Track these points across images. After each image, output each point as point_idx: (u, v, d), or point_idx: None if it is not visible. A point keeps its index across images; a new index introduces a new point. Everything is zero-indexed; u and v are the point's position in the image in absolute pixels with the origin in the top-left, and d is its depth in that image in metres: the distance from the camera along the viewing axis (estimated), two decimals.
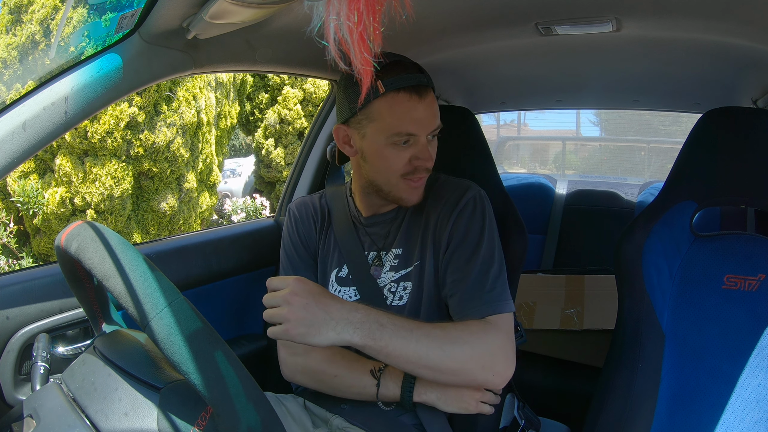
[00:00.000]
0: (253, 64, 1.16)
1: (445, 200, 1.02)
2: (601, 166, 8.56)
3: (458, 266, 0.96)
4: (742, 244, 0.98)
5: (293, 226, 1.12)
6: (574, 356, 1.69)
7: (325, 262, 1.10)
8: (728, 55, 1.30)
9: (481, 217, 0.99)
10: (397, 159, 0.95)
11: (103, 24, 1.52)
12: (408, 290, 1.02)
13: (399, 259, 1.04)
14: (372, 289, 1.03)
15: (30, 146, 0.78)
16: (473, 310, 0.92)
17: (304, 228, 1.11)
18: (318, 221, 1.12)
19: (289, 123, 6.36)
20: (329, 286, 1.08)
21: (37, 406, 0.65)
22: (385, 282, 1.03)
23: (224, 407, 0.50)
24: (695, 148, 1.07)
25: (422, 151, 0.95)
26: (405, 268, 1.03)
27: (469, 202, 1.00)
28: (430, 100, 0.95)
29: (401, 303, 1.02)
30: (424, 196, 1.05)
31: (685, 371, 0.97)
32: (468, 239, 0.97)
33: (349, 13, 0.49)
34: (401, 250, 1.04)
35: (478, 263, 0.95)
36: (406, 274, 1.02)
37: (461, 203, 1.00)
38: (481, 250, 0.96)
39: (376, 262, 1.05)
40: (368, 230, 1.08)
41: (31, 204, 4.23)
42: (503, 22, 1.19)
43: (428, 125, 0.95)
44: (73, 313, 0.98)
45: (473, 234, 0.97)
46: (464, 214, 0.99)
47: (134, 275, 0.54)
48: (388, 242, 1.06)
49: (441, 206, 1.02)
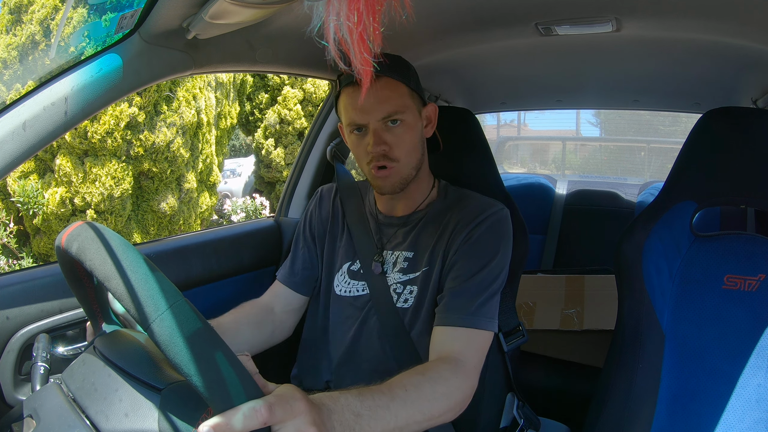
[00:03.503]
0: (253, 64, 1.16)
1: (467, 211, 1.03)
2: (601, 166, 8.56)
3: (460, 274, 0.96)
4: (742, 244, 0.98)
5: (316, 208, 1.20)
6: (574, 356, 1.69)
7: (337, 252, 1.12)
8: (728, 55, 1.30)
9: (499, 236, 1.00)
10: (358, 148, 1.02)
11: (103, 24, 1.52)
12: (414, 294, 1.02)
13: (408, 263, 1.04)
14: (380, 287, 1.04)
15: (30, 146, 0.78)
16: (458, 318, 0.92)
17: (320, 214, 1.18)
18: (333, 210, 1.17)
19: (289, 123, 6.36)
20: (340, 276, 1.10)
21: (37, 406, 0.65)
22: (392, 282, 1.04)
23: (225, 408, 0.50)
24: (695, 148, 1.07)
25: (371, 137, 0.99)
26: (413, 272, 1.03)
27: (490, 217, 1.01)
28: (380, 86, 0.96)
29: (406, 306, 1.02)
30: (449, 208, 1.06)
31: (685, 371, 0.97)
32: (480, 252, 0.97)
33: (349, 13, 0.49)
34: (412, 254, 1.05)
35: (481, 277, 0.95)
36: (413, 278, 1.03)
37: (482, 216, 1.01)
38: (488, 267, 0.96)
39: (377, 258, 1.06)
40: (382, 228, 1.10)
41: (31, 204, 4.23)
42: (503, 22, 1.20)
43: (369, 113, 0.97)
44: (73, 313, 0.98)
45: (487, 250, 0.98)
46: (482, 227, 1.00)
47: (135, 277, 0.54)
48: (397, 243, 1.07)
49: (461, 216, 1.02)
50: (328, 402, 0.65)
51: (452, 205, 1.06)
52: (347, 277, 1.09)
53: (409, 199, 1.08)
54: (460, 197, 1.08)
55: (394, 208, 1.10)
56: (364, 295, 1.06)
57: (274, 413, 0.53)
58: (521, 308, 1.78)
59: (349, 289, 1.08)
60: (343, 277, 1.10)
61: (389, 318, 1.02)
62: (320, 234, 1.16)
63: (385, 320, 1.03)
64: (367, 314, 1.05)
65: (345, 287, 1.09)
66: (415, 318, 1.02)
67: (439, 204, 1.08)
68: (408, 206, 1.09)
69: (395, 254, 1.06)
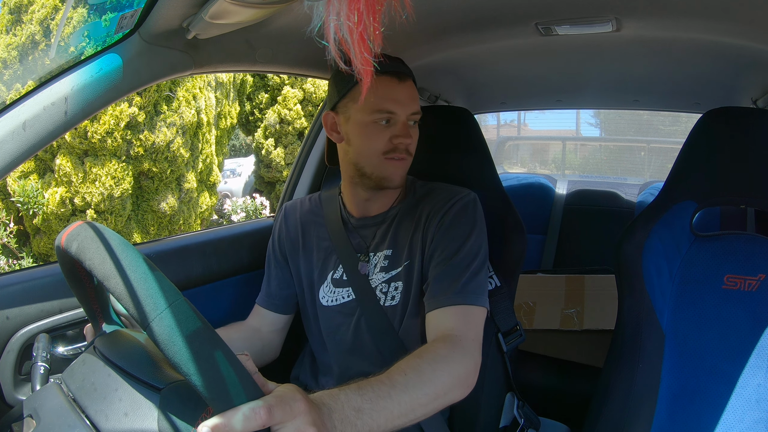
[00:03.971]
0: (253, 64, 1.16)
1: (438, 200, 1.05)
2: (601, 166, 8.56)
3: (441, 259, 0.98)
4: (742, 244, 0.98)
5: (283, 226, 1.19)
6: (574, 356, 1.69)
7: (316, 264, 1.12)
8: (728, 55, 1.30)
9: (471, 218, 1.02)
10: (378, 137, 1.01)
11: (103, 24, 1.52)
12: (399, 290, 1.03)
13: (389, 260, 1.05)
14: (365, 290, 1.04)
15: (30, 146, 0.78)
16: (446, 299, 0.93)
17: (287, 232, 1.17)
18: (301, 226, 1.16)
19: (289, 123, 6.36)
20: (325, 287, 1.09)
21: (37, 406, 0.65)
22: (376, 283, 1.05)
23: (224, 408, 0.50)
24: (695, 148, 1.07)
25: (402, 130, 1.01)
26: (395, 268, 1.04)
27: (459, 201, 1.03)
28: (409, 85, 1.02)
29: (394, 303, 1.03)
30: (420, 201, 1.07)
31: (685, 371, 0.97)
32: (454, 234, 0.99)
33: (349, 13, 0.49)
34: (391, 251, 1.06)
35: (460, 257, 0.97)
36: (396, 274, 1.04)
37: (452, 201, 1.03)
38: (465, 247, 0.98)
39: (363, 259, 1.07)
40: (358, 231, 1.10)
41: (31, 204, 4.23)
42: (503, 22, 1.19)
43: (407, 106, 1.01)
44: (73, 313, 0.98)
45: (461, 231, 1.00)
46: (453, 211, 1.02)
47: (135, 276, 0.54)
48: (376, 243, 1.07)
49: (432, 205, 1.04)
50: (328, 400, 0.64)
51: (422, 198, 1.08)
52: (332, 287, 1.09)
53: (386, 197, 1.09)
54: (430, 190, 1.10)
55: (368, 209, 1.10)
56: (350, 300, 1.06)
57: (274, 415, 0.53)
58: (521, 308, 1.78)
59: (334, 297, 1.08)
60: (328, 287, 1.09)
61: (377, 318, 1.03)
62: (291, 251, 1.16)
63: (372, 321, 1.03)
64: (358, 319, 1.05)
65: (330, 296, 1.09)
66: (404, 313, 1.02)
67: (410, 199, 1.09)
68: (383, 204, 1.09)
69: (377, 255, 1.06)
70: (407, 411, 0.73)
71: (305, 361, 1.17)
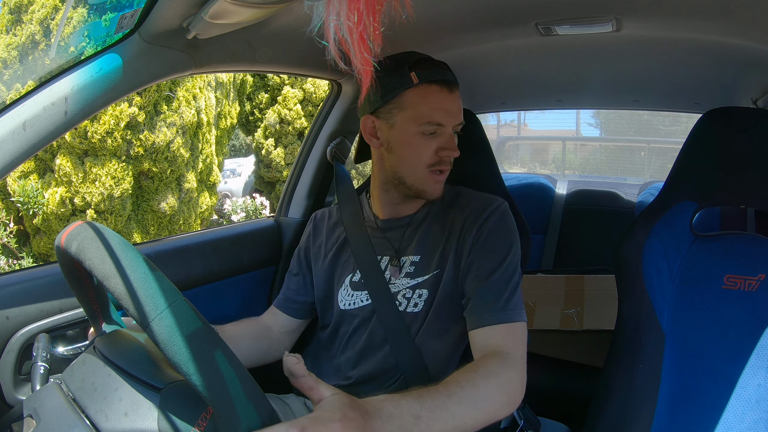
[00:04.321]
0: (253, 64, 1.16)
1: (471, 209, 1.03)
2: (601, 166, 8.57)
3: (480, 274, 0.96)
4: (742, 244, 0.98)
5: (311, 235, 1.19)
6: (574, 356, 1.69)
7: (338, 266, 1.11)
8: (728, 55, 1.30)
9: (509, 230, 1.01)
10: (425, 148, 0.99)
11: (103, 24, 1.52)
12: (423, 298, 1.01)
13: (415, 267, 1.03)
14: (384, 294, 1.03)
15: (30, 146, 0.78)
16: (491, 317, 0.92)
17: (315, 240, 1.17)
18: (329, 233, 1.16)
19: (289, 123, 6.36)
20: (343, 290, 1.09)
21: (37, 406, 0.65)
22: (400, 288, 1.03)
23: (224, 408, 0.50)
24: (695, 148, 1.07)
25: (449, 142, 1.00)
26: (422, 275, 1.02)
27: (494, 212, 1.01)
28: (457, 96, 1.01)
29: (416, 310, 1.01)
30: (449, 206, 1.06)
31: (685, 371, 0.97)
32: (494, 248, 0.98)
33: (349, 13, 0.49)
34: (419, 257, 1.04)
35: (500, 272, 0.95)
36: (422, 281, 1.02)
37: (487, 212, 1.01)
38: (506, 262, 0.96)
39: (394, 263, 1.05)
40: (385, 234, 1.08)
41: (31, 204, 4.23)
42: (503, 22, 1.19)
43: (456, 117, 1.00)
44: (73, 313, 0.98)
45: (500, 245, 0.98)
46: (489, 223, 1.00)
47: (135, 276, 0.54)
48: (403, 247, 1.06)
49: (467, 215, 1.02)
50: (389, 407, 0.65)
51: (452, 203, 1.06)
52: (350, 290, 1.08)
53: (417, 201, 1.07)
54: (457, 194, 1.08)
55: (397, 212, 1.09)
56: (368, 304, 1.05)
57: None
58: None
59: (352, 301, 1.07)
60: (345, 290, 1.08)
61: (393, 323, 1.01)
62: (316, 258, 1.15)
63: (388, 326, 1.02)
64: (375, 323, 1.04)
65: (348, 300, 1.08)
66: (424, 321, 1.01)
67: (438, 203, 1.07)
68: (412, 207, 1.08)
69: (402, 259, 1.05)
70: (459, 424, 0.73)
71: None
